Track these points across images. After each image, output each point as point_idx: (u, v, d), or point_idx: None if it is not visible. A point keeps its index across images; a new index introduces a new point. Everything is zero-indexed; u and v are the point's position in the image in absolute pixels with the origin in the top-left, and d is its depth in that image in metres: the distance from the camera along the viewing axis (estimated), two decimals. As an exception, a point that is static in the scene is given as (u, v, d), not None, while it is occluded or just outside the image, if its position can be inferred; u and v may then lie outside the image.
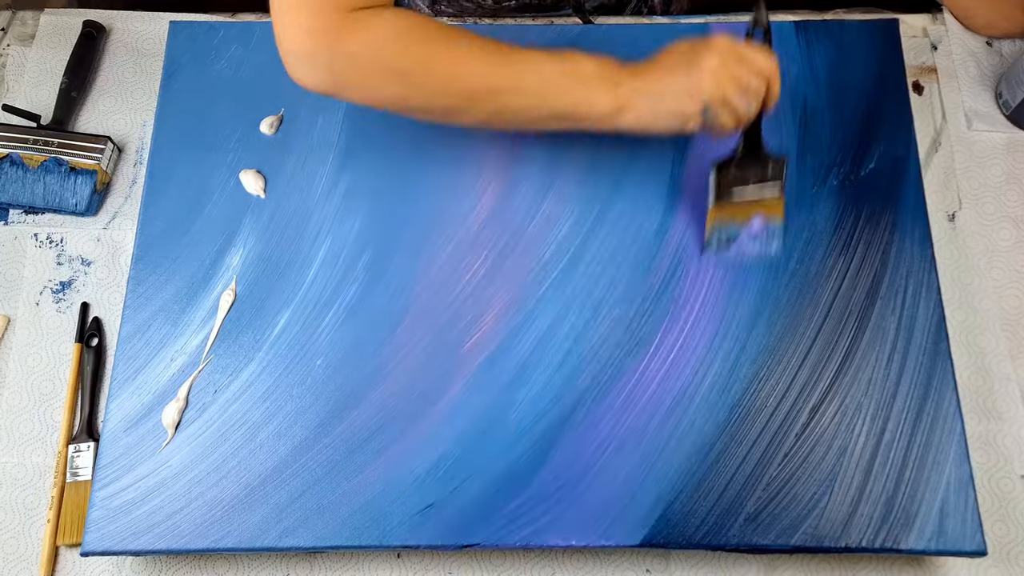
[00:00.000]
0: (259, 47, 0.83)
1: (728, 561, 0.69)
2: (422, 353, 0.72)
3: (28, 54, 0.87)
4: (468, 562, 0.70)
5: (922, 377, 0.70)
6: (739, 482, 0.67)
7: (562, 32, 0.84)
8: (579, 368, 0.71)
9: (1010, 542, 0.69)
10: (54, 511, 0.70)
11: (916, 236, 0.75)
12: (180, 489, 0.68)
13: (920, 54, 0.86)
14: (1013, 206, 0.80)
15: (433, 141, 0.79)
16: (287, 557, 0.70)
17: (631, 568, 0.69)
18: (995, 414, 0.72)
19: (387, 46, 0.62)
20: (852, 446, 0.68)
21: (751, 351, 0.71)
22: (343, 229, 0.76)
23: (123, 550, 0.66)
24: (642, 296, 0.73)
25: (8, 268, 0.79)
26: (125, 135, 0.84)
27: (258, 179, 0.78)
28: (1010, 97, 0.81)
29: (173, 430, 0.70)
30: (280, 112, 0.81)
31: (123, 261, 0.79)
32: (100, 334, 0.76)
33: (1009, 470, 0.71)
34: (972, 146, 0.82)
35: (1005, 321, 0.76)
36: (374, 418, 0.70)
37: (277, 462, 0.69)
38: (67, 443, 0.72)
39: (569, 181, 0.78)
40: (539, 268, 0.74)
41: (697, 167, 0.78)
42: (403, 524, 0.67)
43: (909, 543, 0.65)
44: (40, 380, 0.75)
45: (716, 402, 0.70)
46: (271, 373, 0.71)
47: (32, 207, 0.81)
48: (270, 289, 0.74)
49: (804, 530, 0.66)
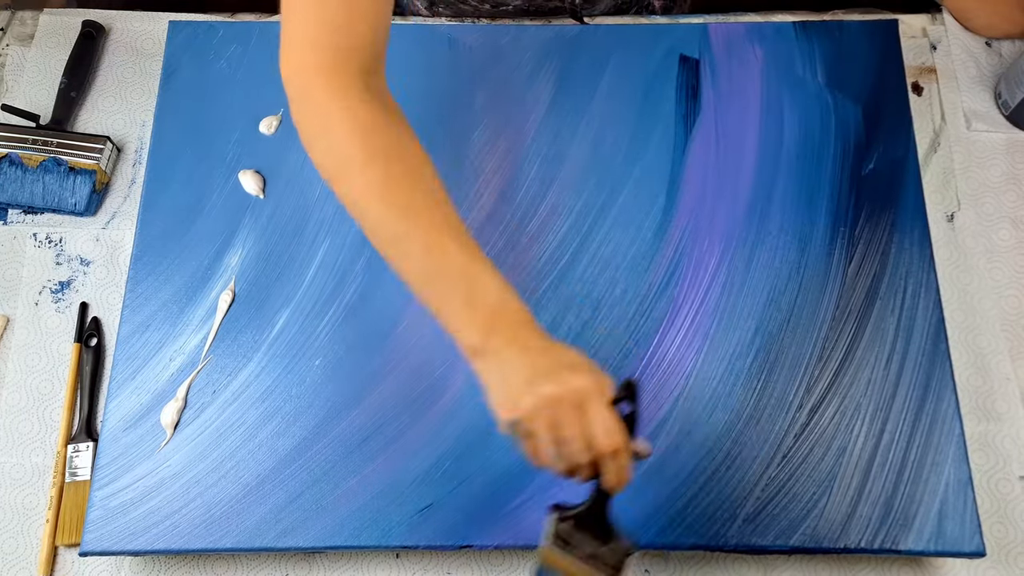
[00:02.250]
0: (258, 47, 0.83)
1: (727, 562, 0.69)
2: (421, 353, 0.72)
3: (27, 54, 0.87)
4: (467, 562, 0.69)
5: (921, 378, 0.70)
6: (738, 483, 0.67)
7: (560, 32, 0.84)
8: (578, 368, 0.71)
9: (1009, 543, 0.69)
10: (53, 511, 0.70)
11: (915, 236, 0.75)
12: (179, 489, 0.68)
13: (919, 54, 0.86)
14: (1012, 206, 0.80)
15: (433, 141, 0.78)
16: (286, 557, 0.70)
17: (631, 568, 0.69)
18: (994, 415, 0.72)
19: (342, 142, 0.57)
20: (851, 447, 0.68)
21: (750, 351, 0.71)
22: (342, 229, 0.76)
23: (122, 550, 0.66)
24: (642, 296, 0.73)
25: (7, 268, 0.79)
26: (124, 135, 0.84)
27: (257, 179, 0.78)
28: (1009, 97, 0.81)
29: (172, 430, 0.70)
30: (279, 112, 0.81)
31: (122, 261, 0.79)
32: (99, 334, 0.76)
33: (1008, 471, 0.71)
34: (971, 146, 0.82)
35: (1004, 321, 0.76)
36: (373, 418, 0.70)
37: (276, 462, 0.69)
38: (66, 443, 0.72)
39: (569, 181, 0.78)
40: (539, 267, 0.74)
41: (697, 167, 0.78)
42: (402, 524, 0.67)
43: (908, 544, 0.65)
44: (39, 380, 0.75)
45: (715, 402, 0.69)
46: (270, 373, 0.71)
47: (31, 207, 0.80)
48: (269, 289, 0.74)
49: (803, 531, 0.66)
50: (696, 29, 0.84)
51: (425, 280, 0.57)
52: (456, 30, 0.84)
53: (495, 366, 0.54)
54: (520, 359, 0.54)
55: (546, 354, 0.54)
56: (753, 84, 0.81)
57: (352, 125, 0.58)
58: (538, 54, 0.83)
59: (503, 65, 0.83)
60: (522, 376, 0.53)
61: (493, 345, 0.54)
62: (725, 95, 0.81)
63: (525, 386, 0.53)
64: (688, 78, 0.82)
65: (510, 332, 0.55)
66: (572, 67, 0.82)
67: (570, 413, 0.52)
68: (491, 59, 0.83)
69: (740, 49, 0.83)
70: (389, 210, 0.56)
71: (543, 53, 0.83)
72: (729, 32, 0.83)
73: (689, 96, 0.81)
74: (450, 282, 0.56)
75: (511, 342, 0.54)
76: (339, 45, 0.59)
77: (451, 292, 0.56)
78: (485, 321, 0.55)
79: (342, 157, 0.58)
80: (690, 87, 0.81)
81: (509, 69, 0.82)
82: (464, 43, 0.83)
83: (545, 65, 0.83)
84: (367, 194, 0.57)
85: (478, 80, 0.82)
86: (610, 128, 0.80)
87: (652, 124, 0.80)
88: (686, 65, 0.82)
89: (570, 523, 0.58)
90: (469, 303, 0.55)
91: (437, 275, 0.56)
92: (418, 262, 0.56)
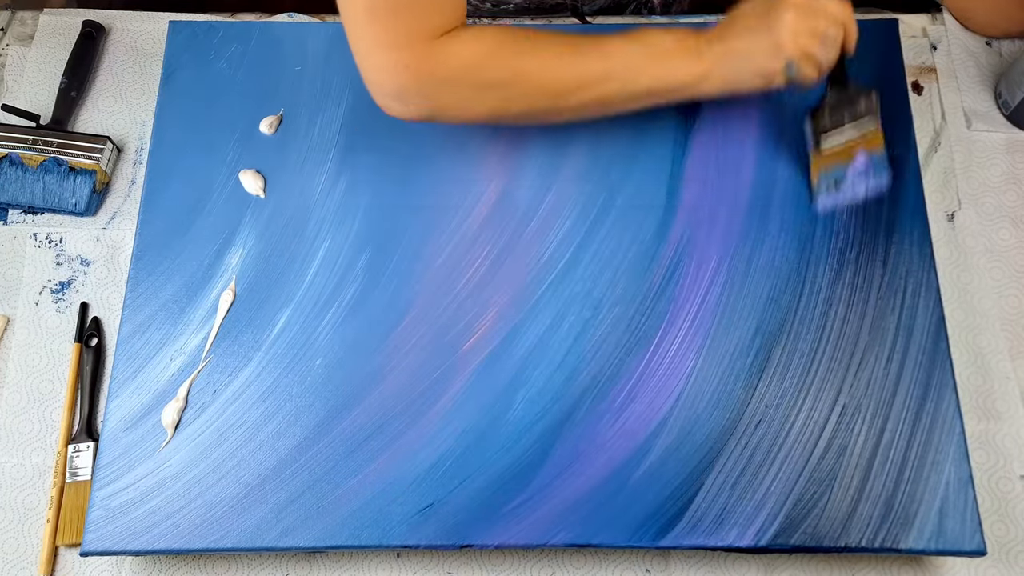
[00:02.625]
0: (259, 47, 0.83)
1: (727, 561, 0.69)
2: (422, 353, 0.72)
3: (27, 54, 0.87)
4: (468, 562, 0.70)
5: (921, 377, 0.70)
6: (738, 482, 0.67)
7: (561, 32, 0.84)
8: (579, 368, 0.71)
9: (1009, 542, 0.69)
10: (53, 511, 0.70)
11: (915, 236, 0.75)
12: (179, 489, 0.68)
13: (919, 54, 0.86)
14: (1012, 206, 0.80)
15: (433, 141, 0.79)
16: (286, 557, 0.70)
17: (631, 568, 0.69)
18: (994, 414, 0.72)
19: (478, 65, 0.64)
20: (851, 446, 0.68)
21: (750, 351, 0.71)
22: (342, 229, 0.76)
23: (122, 550, 0.66)
24: (642, 296, 0.73)
25: (7, 268, 0.79)
26: (124, 135, 0.84)
27: (257, 179, 0.78)
28: (1009, 97, 0.81)
29: (172, 430, 0.70)
30: (279, 112, 0.81)
31: (122, 261, 0.79)
32: (99, 334, 0.76)
33: (1008, 470, 0.71)
34: (971, 146, 0.82)
35: (1004, 321, 0.76)
36: (374, 418, 0.70)
37: (277, 462, 0.69)
38: (66, 443, 0.72)
39: (569, 181, 0.78)
40: (539, 268, 0.74)
41: (697, 166, 0.78)
42: (403, 524, 0.67)
43: (908, 543, 0.65)
44: (39, 380, 0.75)
45: (715, 402, 0.70)
46: (270, 373, 0.71)
47: (31, 207, 0.80)
48: (269, 289, 0.74)
49: (803, 530, 0.66)
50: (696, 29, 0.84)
51: (626, 82, 0.67)
52: (456, 30, 0.84)
53: (729, 66, 0.66)
54: (736, 40, 0.66)
55: (738, 20, 0.67)
56: (753, 84, 0.81)
57: (478, 52, 0.64)
58: (538, 54, 0.83)
59: (503, 65, 0.83)
60: (756, 39, 0.65)
61: (707, 60, 0.66)
62: (725, 95, 0.81)
63: (768, 38, 0.65)
64: (688, 78, 0.82)
65: (704, 41, 0.66)
66: (572, 67, 0.82)
67: (812, 18, 0.64)
68: (491, 59, 0.83)
69: (740, 49, 0.83)
70: (567, 66, 0.66)
71: (543, 53, 0.83)
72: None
73: (689, 96, 0.81)
74: (639, 67, 0.67)
75: (713, 43, 0.66)
76: (411, 32, 0.63)
77: (647, 71, 0.67)
78: (684, 56, 0.66)
79: (495, 81, 0.66)
80: (690, 87, 0.81)
81: (509, 69, 0.82)
82: (464, 43, 0.83)
83: (545, 65, 0.82)
84: (539, 83, 0.66)
85: (478, 80, 0.82)
86: (610, 128, 0.80)
87: (652, 124, 0.79)
88: (686, 65, 0.82)
89: (826, 110, 0.72)
90: (664, 58, 0.66)
91: (629, 72, 0.67)
92: (609, 84, 0.67)
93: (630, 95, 0.68)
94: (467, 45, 0.64)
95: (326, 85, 0.81)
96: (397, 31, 0.62)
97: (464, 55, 0.64)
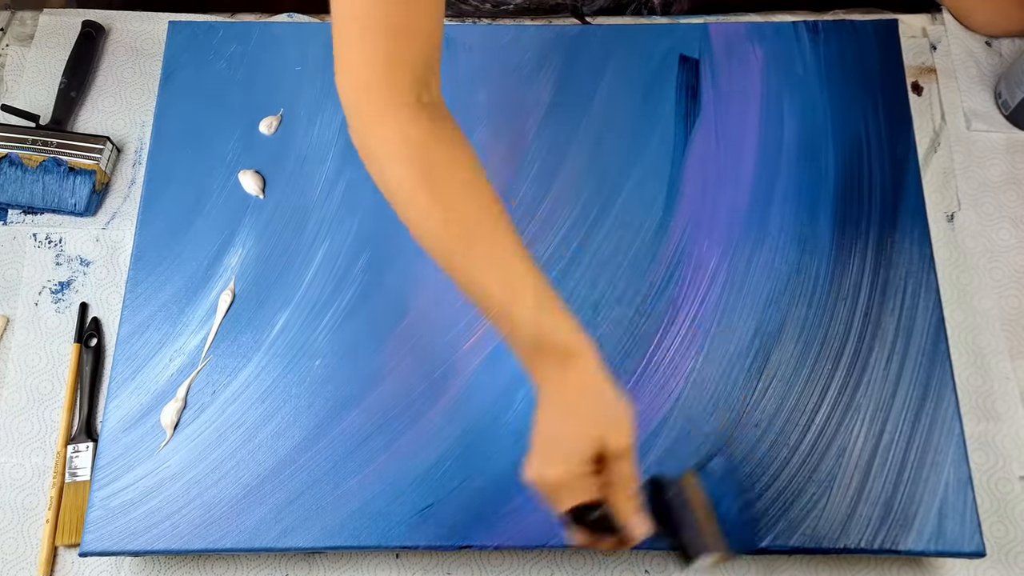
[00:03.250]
0: (258, 47, 0.83)
1: (727, 562, 0.69)
2: (421, 353, 0.72)
3: (27, 54, 0.87)
4: (467, 562, 0.69)
5: (921, 377, 0.70)
6: (737, 483, 0.67)
7: (561, 32, 0.84)
8: (578, 368, 0.71)
9: (1009, 543, 0.69)
10: (53, 511, 0.70)
11: (915, 236, 0.75)
12: (179, 489, 0.68)
13: (919, 54, 0.86)
14: (1012, 206, 0.80)
15: (432, 141, 0.79)
16: (286, 557, 0.70)
17: (630, 568, 0.69)
18: (994, 415, 0.72)
19: (393, 162, 0.58)
20: (851, 447, 0.68)
21: (750, 352, 0.71)
22: (342, 229, 0.76)
23: (122, 550, 0.66)
24: (642, 296, 0.73)
25: (7, 268, 0.79)
26: (124, 135, 0.84)
27: (257, 179, 0.78)
28: (1009, 97, 0.81)
29: (172, 430, 0.70)
30: (279, 112, 0.81)
31: (122, 261, 0.79)
32: (99, 334, 0.76)
33: (1008, 471, 0.71)
34: (971, 146, 0.82)
35: (1004, 321, 0.76)
36: (373, 418, 0.70)
37: (276, 462, 0.69)
38: (66, 443, 0.72)
39: (569, 181, 0.78)
40: (538, 267, 0.74)
41: (697, 166, 0.78)
42: (402, 524, 0.67)
43: (908, 544, 0.65)
44: (39, 380, 0.75)
45: (714, 403, 0.69)
46: (270, 373, 0.71)
47: (31, 207, 0.80)
48: (269, 289, 0.74)
49: (803, 531, 0.66)
50: (696, 29, 0.84)
51: (502, 307, 0.58)
52: (456, 30, 0.84)
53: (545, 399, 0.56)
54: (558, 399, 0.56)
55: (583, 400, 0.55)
56: (753, 84, 0.81)
57: (402, 147, 0.57)
58: (538, 54, 0.83)
59: (503, 65, 0.83)
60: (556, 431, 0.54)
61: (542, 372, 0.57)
62: (725, 95, 0.81)
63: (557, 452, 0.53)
64: (688, 78, 0.82)
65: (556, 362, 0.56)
66: (572, 67, 0.82)
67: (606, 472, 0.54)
68: (491, 59, 0.83)
69: (740, 49, 0.83)
70: (446, 228, 0.58)
71: (543, 53, 0.83)
72: (729, 32, 0.83)
73: (689, 96, 0.81)
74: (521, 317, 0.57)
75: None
76: (391, 59, 0.57)
77: (520, 324, 0.57)
78: (554, 360, 0.57)
79: (393, 180, 0.58)
80: (690, 87, 0.81)
81: (509, 69, 0.82)
82: (464, 43, 0.83)
83: (545, 65, 0.83)
84: (421, 219, 0.59)
85: (478, 80, 0.82)
86: (610, 128, 0.80)
87: (652, 124, 0.80)
88: (686, 65, 0.82)
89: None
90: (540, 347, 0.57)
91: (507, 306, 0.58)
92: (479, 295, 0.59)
93: (480, 304, 0.59)
94: (404, 134, 0.57)
95: (326, 85, 0.81)
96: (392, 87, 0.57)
97: (392, 140, 0.57)
